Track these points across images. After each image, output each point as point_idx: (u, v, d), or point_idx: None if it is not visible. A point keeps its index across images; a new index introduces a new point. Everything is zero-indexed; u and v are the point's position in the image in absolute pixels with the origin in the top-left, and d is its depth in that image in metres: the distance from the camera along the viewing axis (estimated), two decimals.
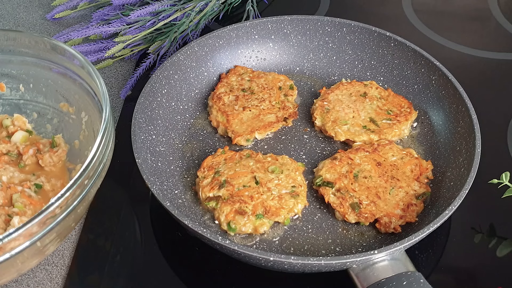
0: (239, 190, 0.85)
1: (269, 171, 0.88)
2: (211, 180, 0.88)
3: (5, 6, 1.28)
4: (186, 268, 0.86)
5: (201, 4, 1.15)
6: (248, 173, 0.88)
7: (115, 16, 1.15)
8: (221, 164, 0.90)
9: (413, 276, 0.74)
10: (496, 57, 1.19)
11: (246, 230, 0.83)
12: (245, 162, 0.90)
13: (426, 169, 0.91)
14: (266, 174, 0.88)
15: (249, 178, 0.87)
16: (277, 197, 0.85)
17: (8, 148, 0.90)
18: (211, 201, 0.86)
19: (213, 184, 0.87)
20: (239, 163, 0.90)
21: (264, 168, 0.89)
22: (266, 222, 0.84)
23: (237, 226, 0.83)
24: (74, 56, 0.85)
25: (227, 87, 1.03)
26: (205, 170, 0.90)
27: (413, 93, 1.03)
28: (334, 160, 0.91)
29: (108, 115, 0.78)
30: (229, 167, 0.89)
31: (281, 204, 0.85)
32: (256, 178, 0.87)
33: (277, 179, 0.88)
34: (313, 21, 1.08)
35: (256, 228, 0.83)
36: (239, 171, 0.88)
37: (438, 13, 1.31)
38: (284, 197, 0.85)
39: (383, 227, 0.84)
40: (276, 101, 1.01)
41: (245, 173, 0.88)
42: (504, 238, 0.88)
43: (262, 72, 1.06)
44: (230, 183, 0.86)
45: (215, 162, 0.90)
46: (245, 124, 0.97)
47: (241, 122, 0.97)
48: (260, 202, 0.84)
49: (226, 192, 0.85)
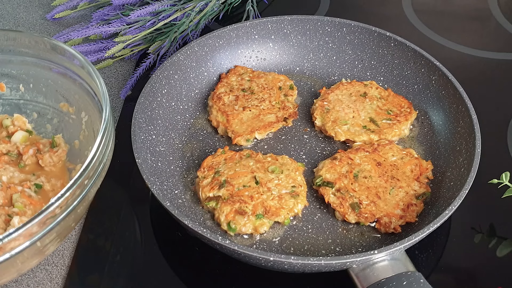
0: (239, 190, 0.85)
1: (269, 171, 0.88)
2: (211, 180, 0.88)
3: (5, 6, 1.28)
4: (186, 268, 0.86)
5: (201, 4, 1.15)
6: (248, 173, 0.88)
7: (115, 16, 1.15)
8: (221, 164, 0.90)
9: (413, 276, 0.74)
10: (496, 57, 1.19)
11: (246, 230, 0.83)
12: (245, 162, 0.90)
13: (426, 169, 0.91)
14: (266, 174, 0.88)
15: (249, 178, 0.87)
16: (277, 197, 0.85)
17: (8, 148, 0.90)
18: (211, 201, 0.86)
19: (213, 184, 0.87)
20: (239, 163, 0.90)
21: (264, 168, 0.89)
22: (266, 222, 0.84)
23: (237, 226, 0.83)
24: (74, 56, 0.85)
25: (227, 87, 1.03)
26: (205, 170, 0.90)
27: (413, 93, 1.03)
28: (334, 160, 0.91)
29: (108, 115, 0.78)
30: (229, 167, 0.89)
31: (281, 204, 0.85)
32: (256, 178, 0.87)
33: (277, 179, 0.88)
34: (313, 21, 1.08)
35: (256, 228, 0.83)
36: (239, 171, 0.88)
37: (438, 13, 1.31)
38: (284, 197, 0.85)
39: (383, 227, 0.84)
40: (276, 101, 1.01)
41: (245, 173, 0.88)
42: (504, 238, 0.88)
43: (262, 72, 1.06)
44: (230, 183, 0.86)
45: (215, 162, 0.90)
46: (245, 124, 0.97)
47: (241, 122, 0.97)
48: (260, 202, 0.84)
49: (226, 192, 0.85)
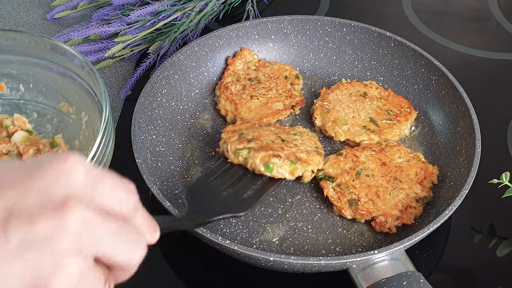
0: (268, 144, 0.85)
1: (291, 134, 0.89)
2: (238, 137, 0.87)
3: (5, 6, 1.28)
4: (186, 268, 0.86)
5: (201, 4, 1.15)
6: (272, 134, 0.88)
7: (115, 16, 1.15)
8: (243, 129, 0.90)
9: (413, 276, 0.74)
10: (496, 57, 1.19)
11: (283, 172, 0.82)
12: (266, 128, 0.90)
13: (431, 173, 0.90)
14: (289, 135, 0.89)
15: (274, 137, 0.87)
16: (305, 151, 0.86)
17: (8, 148, 0.90)
18: (243, 150, 0.84)
19: (242, 139, 0.86)
20: (261, 128, 0.90)
21: (285, 132, 0.90)
22: (300, 167, 0.83)
23: (275, 166, 0.81)
24: (74, 56, 0.85)
25: (233, 76, 1.03)
26: (229, 133, 0.89)
27: (413, 93, 1.03)
28: (339, 156, 0.91)
29: (108, 115, 0.78)
30: (252, 130, 0.89)
31: (309, 157, 0.85)
32: (282, 137, 0.87)
33: (301, 139, 0.89)
34: (313, 21, 1.08)
35: (292, 171, 0.83)
36: (263, 133, 0.88)
37: (438, 13, 1.31)
38: (311, 153, 0.86)
39: (378, 226, 0.84)
40: (282, 90, 1.01)
41: (269, 134, 0.88)
42: (504, 238, 0.88)
43: (268, 61, 1.07)
44: (257, 139, 0.86)
45: (237, 129, 0.90)
46: (253, 112, 0.98)
47: (250, 110, 0.98)
48: (291, 153, 0.84)
49: (256, 145, 0.84)
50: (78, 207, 0.43)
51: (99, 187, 0.46)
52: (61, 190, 0.43)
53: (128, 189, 0.49)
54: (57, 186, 0.43)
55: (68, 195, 0.43)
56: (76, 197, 0.43)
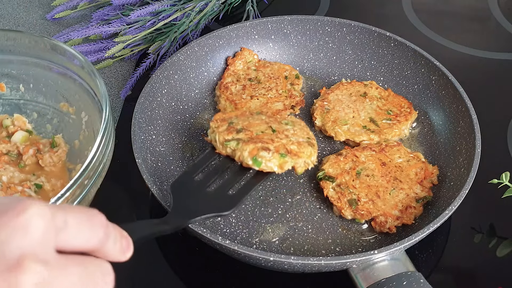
0: (258, 135, 0.83)
1: (283, 123, 0.87)
2: (227, 127, 0.85)
3: (5, 6, 1.28)
4: (186, 268, 0.86)
5: (201, 4, 1.15)
6: (263, 123, 0.86)
7: (115, 16, 1.15)
8: (233, 117, 0.87)
9: (413, 276, 0.74)
10: (496, 57, 1.19)
11: (271, 165, 0.80)
12: (257, 116, 0.88)
13: (431, 173, 0.90)
14: (280, 125, 0.86)
15: (265, 127, 0.85)
16: (296, 143, 0.83)
17: (8, 148, 0.90)
18: (231, 142, 0.82)
19: (230, 129, 0.84)
20: (252, 117, 0.88)
21: (277, 121, 0.88)
22: (289, 161, 0.81)
23: (263, 160, 0.79)
24: (74, 56, 0.85)
25: (233, 76, 1.03)
26: (218, 121, 0.86)
27: (413, 93, 1.03)
28: (339, 156, 0.91)
29: (108, 115, 0.78)
30: (242, 119, 0.87)
31: (300, 149, 0.82)
32: (272, 127, 0.85)
33: (292, 130, 0.86)
34: (313, 21, 1.08)
35: (281, 165, 0.80)
36: (253, 122, 0.86)
37: (438, 13, 1.31)
38: (302, 144, 0.84)
39: (378, 226, 0.84)
40: (282, 90, 1.01)
41: (259, 123, 0.86)
42: (504, 238, 0.88)
43: (268, 61, 1.07)
44: (247, 129, 0.84)
45: (227, 117, 0.88)
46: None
47: (250, 110, 0.98)
48: (281, 145, 0.82)
49: (245, 136, 0.82)
50: (32, 268, 0.40)
51: (61, 235, 0.44)
52: (16, 248, 0.41)
53: (95, 223, 0.47)
54: (11, 244, 0.40)
55: (23, 254, 0.40)
56: (31, 256, 0.41)
